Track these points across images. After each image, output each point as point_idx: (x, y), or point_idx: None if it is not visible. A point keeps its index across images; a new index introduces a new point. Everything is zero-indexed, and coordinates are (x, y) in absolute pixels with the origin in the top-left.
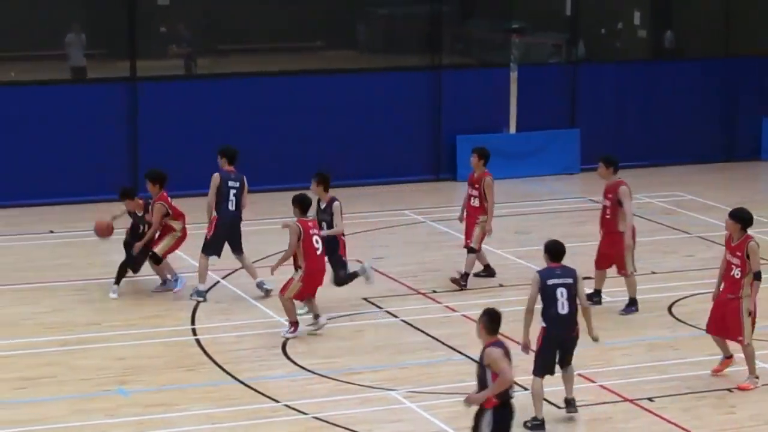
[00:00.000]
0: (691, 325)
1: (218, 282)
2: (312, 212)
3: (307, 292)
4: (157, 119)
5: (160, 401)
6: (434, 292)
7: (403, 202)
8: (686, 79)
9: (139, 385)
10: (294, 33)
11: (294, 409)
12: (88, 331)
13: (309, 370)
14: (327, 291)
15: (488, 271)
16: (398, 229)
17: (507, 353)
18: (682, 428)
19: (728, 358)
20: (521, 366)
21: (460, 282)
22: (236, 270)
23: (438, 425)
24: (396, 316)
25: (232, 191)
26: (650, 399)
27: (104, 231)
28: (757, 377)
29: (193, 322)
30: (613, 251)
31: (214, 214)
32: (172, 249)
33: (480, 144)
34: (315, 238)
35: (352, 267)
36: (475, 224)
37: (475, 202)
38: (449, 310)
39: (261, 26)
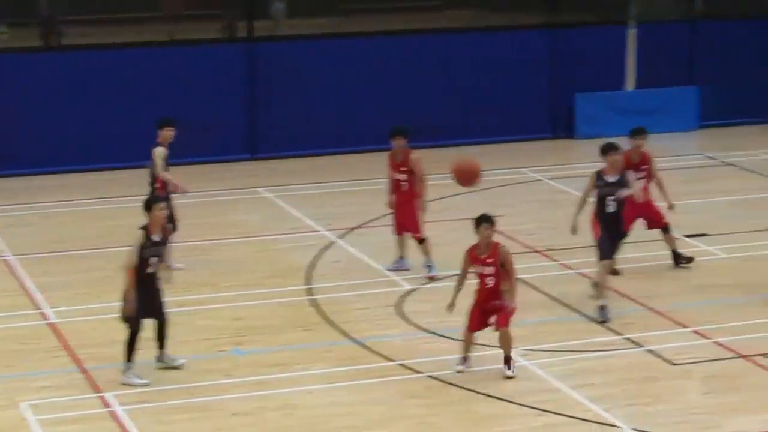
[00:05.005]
0: None
1: (333, 243)
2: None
3: None
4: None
5: (277, 361)
6: (550, 250)
7: (521, 160)
8: None
9: (257, 346)
10: None
11: (410, 368)
12: (204, 292)
13: (425, 329)
14: (440, 249)
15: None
16: (515, 187)
17: None
18: None
19: None
20: None
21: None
22: (352, 229)
23: (553, 383)
24: None
25: None
26: (765, 355)
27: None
28: None
29: (309, 282)
30: None
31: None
32: None
33: (598, 102)
34: None
35: None
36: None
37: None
38: (565, 268)
39: None
